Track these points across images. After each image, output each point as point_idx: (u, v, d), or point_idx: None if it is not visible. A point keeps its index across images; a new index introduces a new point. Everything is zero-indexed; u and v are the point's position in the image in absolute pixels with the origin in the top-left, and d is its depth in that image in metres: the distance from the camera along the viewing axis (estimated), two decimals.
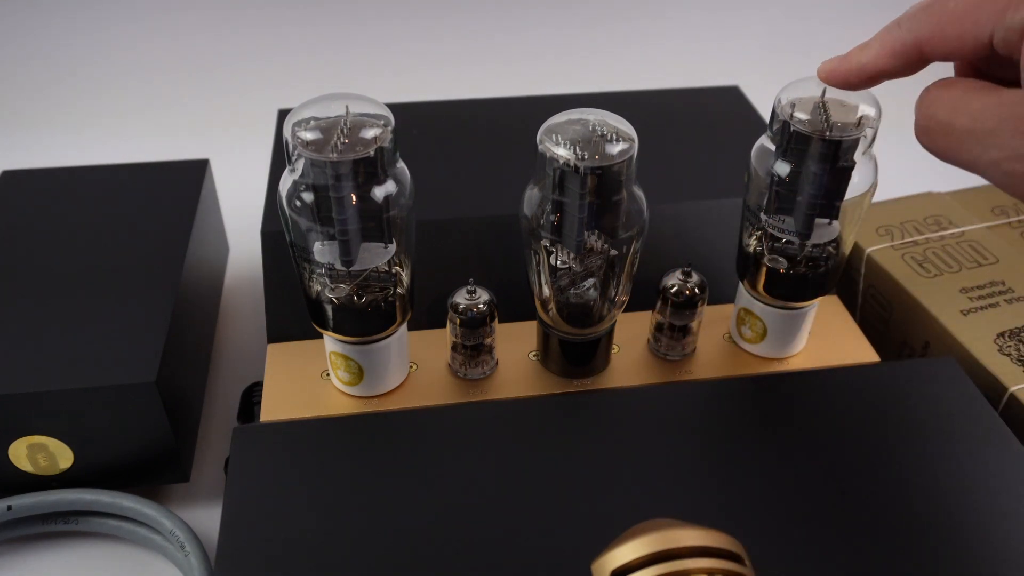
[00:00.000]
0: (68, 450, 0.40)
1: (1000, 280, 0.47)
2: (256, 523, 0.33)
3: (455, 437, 0.37)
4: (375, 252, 0.35)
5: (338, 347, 0.38)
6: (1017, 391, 0.40)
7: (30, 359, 0.39)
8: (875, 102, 0.35)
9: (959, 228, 0.52)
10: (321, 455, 0.36)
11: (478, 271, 0.42)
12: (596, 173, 0.33)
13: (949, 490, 0.35)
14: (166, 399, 0.39)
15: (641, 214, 0.36)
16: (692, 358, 0.42)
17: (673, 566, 0.25)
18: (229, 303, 0.58)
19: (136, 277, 0.44)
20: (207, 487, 0.45)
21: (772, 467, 0.35)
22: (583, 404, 0.39)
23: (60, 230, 0.48)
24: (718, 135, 0.54)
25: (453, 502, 0.34)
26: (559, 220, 0.35)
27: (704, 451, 0.36)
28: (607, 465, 0.35)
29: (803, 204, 0.36)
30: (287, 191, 0.34)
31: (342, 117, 0.33)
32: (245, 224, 0.59)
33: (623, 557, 0.25)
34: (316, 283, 0.36)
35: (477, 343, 0.40)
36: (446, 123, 0.55)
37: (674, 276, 0.41)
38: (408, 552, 0.32)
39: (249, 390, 0.44)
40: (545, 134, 0.34)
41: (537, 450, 0.36)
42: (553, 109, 0.35)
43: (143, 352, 0.40)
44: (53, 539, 0.42)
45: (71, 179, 0.52)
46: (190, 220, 0.49)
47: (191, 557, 0.38)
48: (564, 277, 0.37)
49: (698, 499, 0.34)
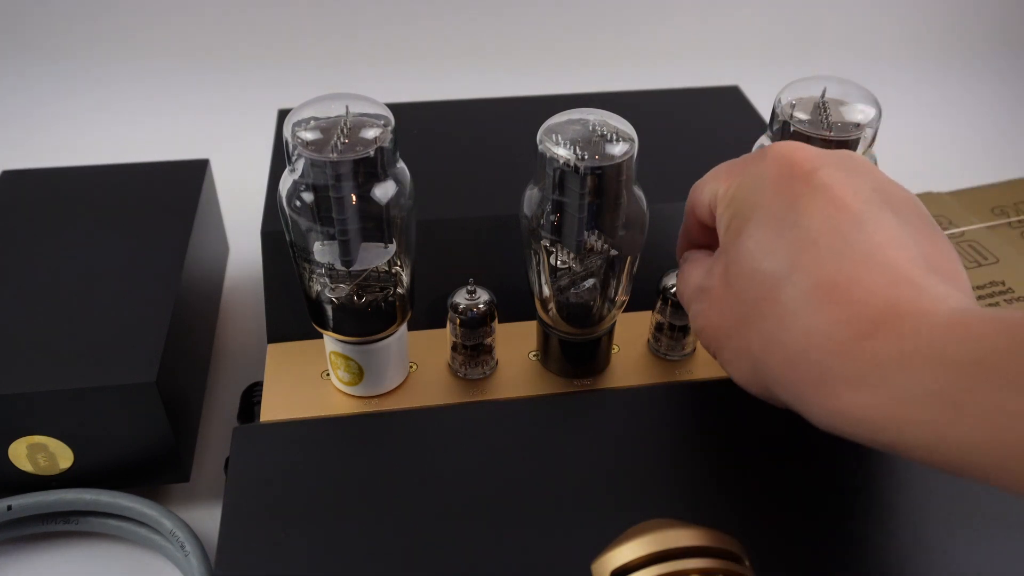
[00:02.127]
0: (68, 450, 0.40)
1: (1000, 280, 0.47)
2: (256, 523, 0.33)
3: (455, 437, 0.37)
4: (375, 252, 0.35)
5: (338, 347, 0.38)
6: None
7: (30, 359, 0.39)
8: (875, 102, 0.35)
9: (959, 228, 0.52)
10: (321, 455, 0.36)
11: (478, 271, 0.42)
12: (596, 173, 0.33)
13: (949, 490, 0.35)
14: (166, 399, 0.39)
15: (641, 214, 0.36)
16: (692, 358, 0.42)
17: (673, 566, 0.25)
18: (229, 303, 0.58)
19: (136, 277, 0.44)
20: (207, 487, 0.45)
21: (772, 467, 0.35)
22: (583, 404, 0.39)
23: (60, 230, 0.48)
24: (718, 135, 0.54)
25: (453, 502, 0.34)
26: (559, 220, 0.35)
27: (704, 451, 0.36)
28: (607, 465, 0.35)
29: None
30: (287, 191, 0.34)
31: (342, 117, 0.33)
32: (245, 224, 0.59)
33: (623, 557, 0.25)
34: (316, 283, 0.36)
35: (477, 343, 0.40)
36: (446, 123, 0.55)
37: (674, 276, 0.41)
38: (408, 552, 0.32)
39: (249, 390, 0.44)
40: (545, 134, 0.34)
41: (537, 450, 0.36)
42: (553, 109, 0.35)
43: (143, 352, 0.40)
44: (53, 539, 0.42)
45: (71, 179, 0.52)
46: (190, 220, 0.49)
47: (191, 557, 0.38)
48: (564, 277, 0.37)
49: (698, 499, 0.34)
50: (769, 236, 0.29)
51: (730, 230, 0.31)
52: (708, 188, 0.34)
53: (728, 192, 0.32)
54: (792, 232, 0.28)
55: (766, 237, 0.29)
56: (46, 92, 0.88)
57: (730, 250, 0.31)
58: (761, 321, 0.28)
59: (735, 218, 0.31)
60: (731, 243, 0.31)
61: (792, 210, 0.28)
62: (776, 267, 0.28)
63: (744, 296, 0.29)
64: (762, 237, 0.29)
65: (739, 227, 0.30)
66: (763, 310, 0.28)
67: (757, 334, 0.28)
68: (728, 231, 0.31)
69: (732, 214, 0.31)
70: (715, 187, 0.33)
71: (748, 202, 0.30)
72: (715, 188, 0.33)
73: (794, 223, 0.28)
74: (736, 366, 0.31)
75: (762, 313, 0.28)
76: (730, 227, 0.31)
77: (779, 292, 0.28)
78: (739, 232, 0.30)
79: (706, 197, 0.34)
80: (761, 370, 0.29)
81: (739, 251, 0.30)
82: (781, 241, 0.28)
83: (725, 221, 0.32)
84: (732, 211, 0.31)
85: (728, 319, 0.30)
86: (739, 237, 0.30)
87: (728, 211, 0.32)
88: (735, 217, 0.31)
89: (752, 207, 0.30)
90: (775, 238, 0.28)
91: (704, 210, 0.34)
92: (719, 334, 0.31)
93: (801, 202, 0.28)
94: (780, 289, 0.28)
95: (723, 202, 0.32)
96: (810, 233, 0.28)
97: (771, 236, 0.29)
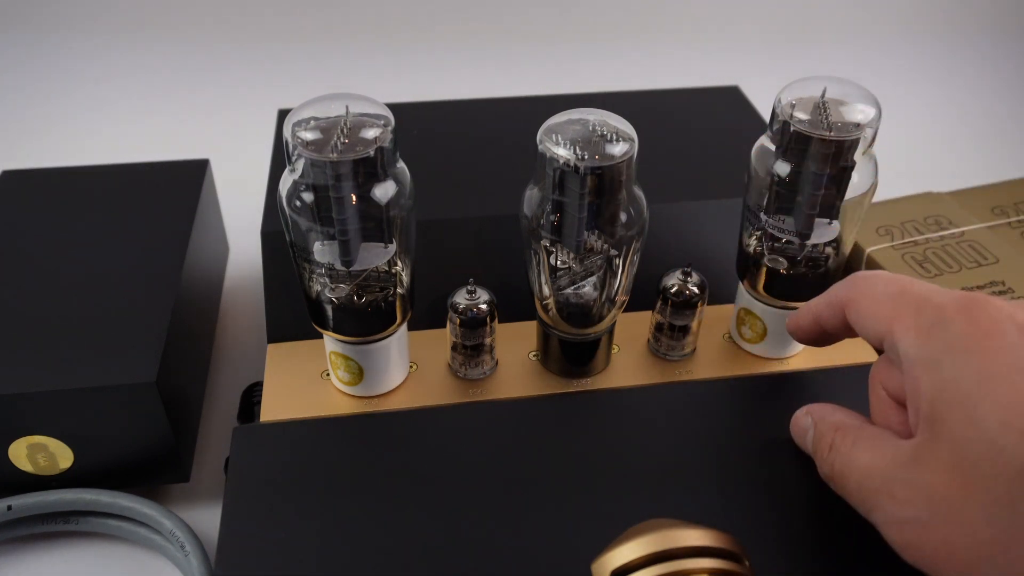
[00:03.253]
0: (68, 450, 0.40)
1: (1000, 280, 0.47)
2: (256, 523, 0.33)
3: (455, 437, 0.37)
4: (375, 252, 0.35)
5: (338, 347, 0.38)
6: None
7: (30, 359, 0.39)
8: (875, 102, 0.35)
9: (959, 228, 0.52)
10: (321, 455, 0.36)
11: (478, 271, 0.42)
12: (596, 173, 0.33)
13: None
14: (166, 399, 0.39)
15: (641, 214, 0.36)
16: (692, 358, 0.42)
17: (673, 566, 0.25)
18: (229, 303, 0.58)
19: (136, 277, 0.44)
20: (207, 487, 0.45)
21: (772, 467, 0.35)
22: (583, 404, 0.39)
23: (60, 230, 0.48)
24: (718, 135, 0.54)
25: (453, 502, 0.34)
26: (559, 220, 0.35)
27: (704, 451, 0.36)
28: (607, 465, 0.35)
29: (803, 204, 0.36)
30: (287, 191, 0.34)
31: (342, 117, 0.33)
32: (245, 224, 0.59)
33: (623, 557, 0.25)
34: (316, 283, 0.36)
35: (477, 343, 0.40)
36: (446, 123, 0.55)
37: (674, 276, 0.41)
38: (408, 552, 0.32)
39: (249, 390, 0.44)
40: (545, 134, 0.34)
41: (537, 450, 0.36)
42: (553, 109, 0.35)
43: (143, 352, 0.40)
44: (53, 539, 0.42)
45: (71, 179, 0.52)
46: (190, 220, 0.49)
47: (191, 557, 0.38)
48: (564, 277, 0.37)
49: (698, 499, 0.34)
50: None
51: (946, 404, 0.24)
52: (881, 331, 0.28)
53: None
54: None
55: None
56: (46, 92, 0.88)
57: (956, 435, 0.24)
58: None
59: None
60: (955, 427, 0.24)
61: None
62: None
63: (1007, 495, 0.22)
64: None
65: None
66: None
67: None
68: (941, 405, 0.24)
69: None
70: (894, 342, 0.27)
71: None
72: (894, 343, 0.27)
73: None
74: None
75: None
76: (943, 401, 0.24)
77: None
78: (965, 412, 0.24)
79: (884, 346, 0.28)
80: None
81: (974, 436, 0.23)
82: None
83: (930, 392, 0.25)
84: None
85: (983, 533, 0.22)
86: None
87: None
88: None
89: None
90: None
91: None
92: (970, 556, 0.23)
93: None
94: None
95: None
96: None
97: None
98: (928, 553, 0.24)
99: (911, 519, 0.25)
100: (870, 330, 0.29)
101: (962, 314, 0.25)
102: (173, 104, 0.86)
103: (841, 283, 0.32)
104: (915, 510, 0.24)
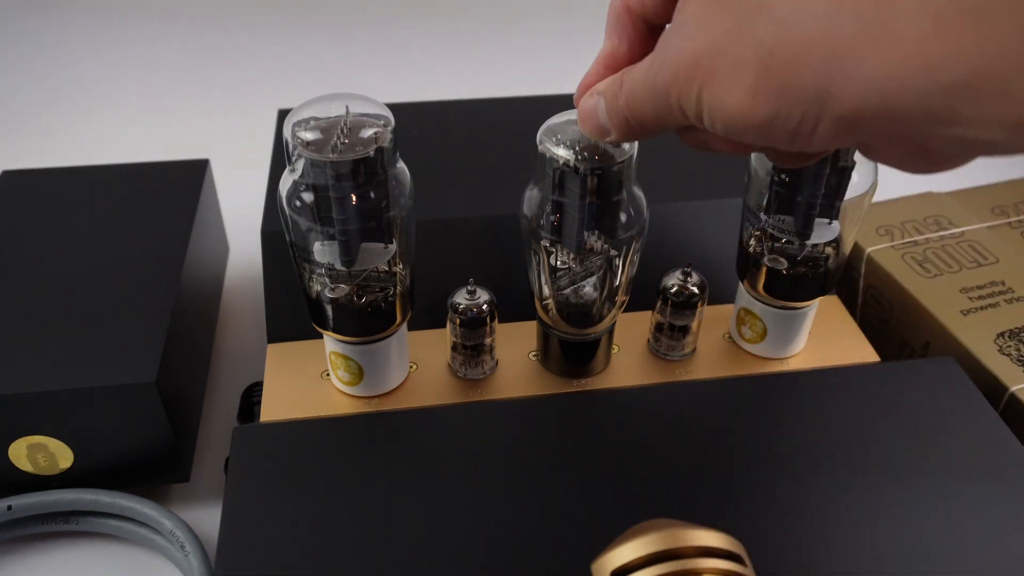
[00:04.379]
0: (68, 450, 0.40)
1: (1000, 280, 0.47)
2: (256, 523, 0.33)
3: (455, 437, 0.37)
4: (375, 252, 0.35)
5: (338, 347, 0.38)
6: (1017, 391, 0.40)
7: (30, 359, 0.39)
8: None
9: (959, 228, 0.52)
10: (321, 455, 0.36)
11: (478, 271, 0.42)
12: (596, 173, 0.33)
13: (948, 490, 0.35)
14: (166, 399, 0.39)
15: (641, 214, 0.36)
16: (692, 358, 0.42)
17: (673, 566, 0.25)
18: (229, 303, 0.58)
19: (136, 277, 0.44)
20: (207, 487, 0.45)
21: (772, 467, 0.35)
22: (583, 404, 0.39)
23: (60, 230, 0.48)
24: None
25: (453, 502, 0.34)
26: (559, 220, 0.35)
27: (704, 451, 0.36)
28: (607, 465, 0.35)
29: (803, 204, 0.36)
30: (287, 191, 0.34)
31: (342, 117, 0.33)
32: (245, 224, 0.59)
33: (623, 557, 0.25)
34: (316, 283, 0.36)
35: (477, 343, 0.40)
36: (446, 123, 0.55)
37: (674, 276, 0.41)
38: (408, 552, 0.32)
39: (249, 390, 0.44)
40: (545, 134, 0.34)
41: (537, 450, 0.36)
42: (553, 109, 0.35)
43: (143, 352, 0.40)
44: (53, 539, 0.42)
45: (71, 179, 0.52)
46: (190, 220, 0.49)
47: (191, 557, 0.38)
48: (564, 277, 0.37)
49: (698, 499, 0.34)
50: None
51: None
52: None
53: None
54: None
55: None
56: (46, 92, 0.88)
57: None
58: (770, 8, 0.24)
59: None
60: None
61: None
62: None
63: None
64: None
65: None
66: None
67: (764, 25, 0.24)
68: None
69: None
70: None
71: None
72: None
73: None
74: (735, 85, 0.26)
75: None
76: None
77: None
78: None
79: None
80: (774, 67, 0.25)
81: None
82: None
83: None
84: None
85: (718, 30, 0.26)
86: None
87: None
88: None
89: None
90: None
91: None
92: (709, 53, 0.26)
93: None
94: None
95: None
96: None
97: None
98: (685, 61, 0.26)
99: (699, 54, 0.26)
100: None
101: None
102: (173, 104, 0.86)
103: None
104: (695, 43, 0.26)
